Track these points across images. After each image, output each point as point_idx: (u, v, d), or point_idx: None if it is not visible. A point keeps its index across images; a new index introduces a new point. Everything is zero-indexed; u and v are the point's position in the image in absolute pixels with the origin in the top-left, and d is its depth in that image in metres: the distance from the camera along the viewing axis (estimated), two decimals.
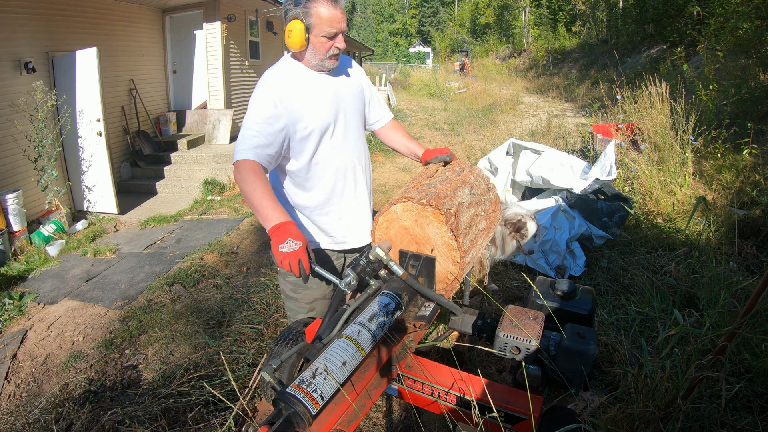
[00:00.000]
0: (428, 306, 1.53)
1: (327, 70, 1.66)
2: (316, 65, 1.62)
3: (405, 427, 2.10)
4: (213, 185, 6.49)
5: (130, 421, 2.20)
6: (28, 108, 4.77)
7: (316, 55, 1.59)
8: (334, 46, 1.58)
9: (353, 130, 1.76)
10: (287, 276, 1.86)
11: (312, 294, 1.87)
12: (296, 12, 1.51)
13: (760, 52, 6.35)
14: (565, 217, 3.56)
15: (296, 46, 1.54)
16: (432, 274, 1.47)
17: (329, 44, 1.57)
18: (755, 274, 2.97)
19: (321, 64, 1.62)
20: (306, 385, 1.00)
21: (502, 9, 29.99)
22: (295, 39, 1.52)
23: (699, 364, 1.60)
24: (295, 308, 1.91)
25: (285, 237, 1.33)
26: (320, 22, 1.51)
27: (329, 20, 1.52)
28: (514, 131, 8.06)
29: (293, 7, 1.52)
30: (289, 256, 1.32)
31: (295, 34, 1.51)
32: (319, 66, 1.63)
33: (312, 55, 1.59)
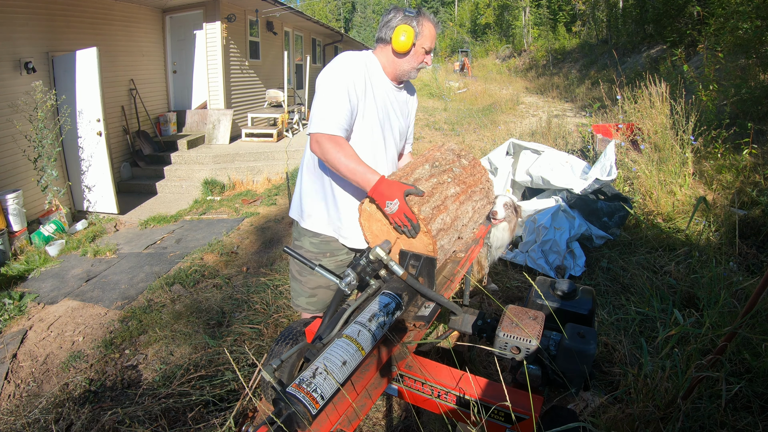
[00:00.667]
0: (428, 306, 1.53)
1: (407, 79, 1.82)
2: (404, 71, 1.75)
3: (405, 427, 2.10)
4: (213, 185, 6.49)
5: (130, 421, 2.20)
6: (27, 108, 4.77)
7: (411, 62, 1.73)
8: (424, 60, 1.74)
9: (393, 144, 1.86)
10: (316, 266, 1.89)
11: (315, 280, 1.92)
12: (408, 20, 1.66)
13: (760, 52, 6.35)
14: (565, 217, 3.56)
15: (405, 47, 1.67)
16: (432, 274, 1.47)
17: (423, 57, 1.73)
18: (755, 274, 2.97)
19: (409, 72, 1.76)
20: (306, 385, 0.99)
21: (502, 9, 29.97)
22: (406, 41, 1.65)
23: (699, 364, 1.60)
24: (298, 289, 1.98)
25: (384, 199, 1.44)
26: (426, 35, 1.69)
27: (432, 37, 1.70)
28: (514, 131, 8.06)
29: (403, 16, 1.67)
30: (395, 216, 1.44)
31: (407, 38, 1.65)
32: (405, 73, 1.76)
33: (408, 61, 1.73)
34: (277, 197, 6.02)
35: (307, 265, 1.51)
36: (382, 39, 1.73)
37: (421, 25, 1.67)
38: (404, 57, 1.72)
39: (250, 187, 6.66)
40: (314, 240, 1.89)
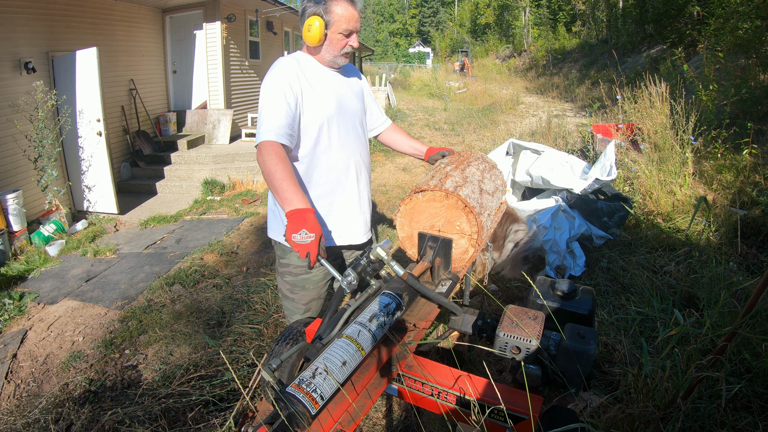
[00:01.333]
0: (445, 283, 1.54)
1: (337, 67, 1.74)
2: (329, 61, 1.70)
3: (405, 427, 2.10)
4: (213, 185, 6.49)
5: (130, 421, 2.20)
6: (28, 108, 4.77)
7: (331, 51, 1.67)
8: (348, 44, 1.67)
9: (353, 128, 1.80)
10: (285, 276, 1.89)
11: (308, 295, 1.89)
12: (316, 9, 1.59)
13: (760, 52, 6.35)
14: (565, 217, 3.56)
15: (315, 40, 1.62)
16: (449, 255, 1.50)
17: (344, 42, 1.66)
18: (755, 274, 2.97)
19: (334, 60, 1.69)
20: (306, 385, 0.99)
21: (502, 9, 29.98)
22: (314, 34, 1.60)
23: (699, 364, 1.60)
24: (291, 308, 1.94)
25: (300, 226, 1.34)
26: (338, 20, 1.60)
27: (347, 19, 1.61)
28: (514, 131, 8.06)
29: (312, 5, 1.60)
30: (300, 247, 1.34)
31: (315, 30, 1.59)
32: (331, 62, 1.70)
33: (327, 50, 1.67)
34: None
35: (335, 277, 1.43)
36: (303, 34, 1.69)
37: (330, 11, 1.58)
38: (321, 48, 1.66)
39: (250, 187, 6.66)
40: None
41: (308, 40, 1.62)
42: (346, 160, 1.76)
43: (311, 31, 1.60)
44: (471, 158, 1.81)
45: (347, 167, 1.78)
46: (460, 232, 1.56)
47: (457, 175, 1.61)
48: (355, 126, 1.81)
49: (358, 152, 1.80)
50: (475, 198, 1.56)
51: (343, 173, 1.77)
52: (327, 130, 1.70)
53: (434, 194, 1.53)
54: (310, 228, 1.34)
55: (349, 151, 1.77)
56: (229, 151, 7.40)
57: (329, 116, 1.69)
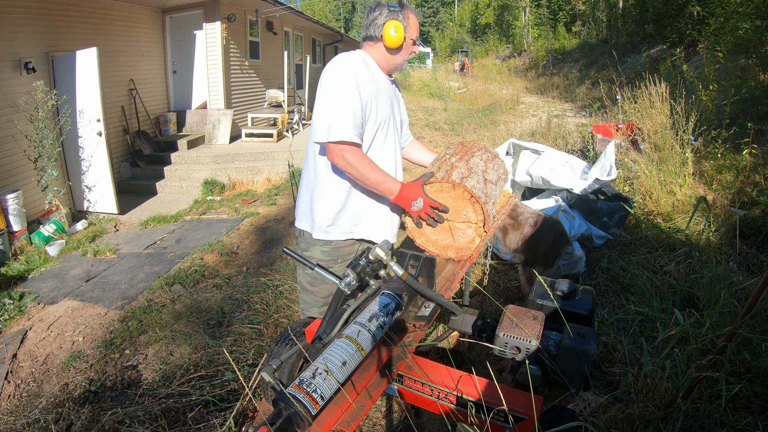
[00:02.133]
0: (428, 306, 1.53)
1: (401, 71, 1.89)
2: (398, 64, 1.82)
3: (405, 427, 2.10)
4: (213, 185, 6.49)
5: (130, 421, 2.20)
6: (28, 108, 4.77)
7: (403, 55, 1.79)
8: (413, 50, 1.82)
9: (397, 133, 1.90)
10: (306, 268, 1.89)
11: (328, 288, 1.91)
12: (395, 15, 1.71)
13: (760, 52, 6.35)
14: (565, 217, 3.56)
15: (397, 42, 1.72)
16: (432, 274, 1.47)
17: (412, 48, 1.81)
18: (755, 274, 2.97)
19: (402, 64, 1.82)
20: (306, 385, 0.99)
21: (502, 9, 29.97)
22: (398, 36, 1.70)
23: (699, 364, 1.60)
24: (310, 301, 1.95)
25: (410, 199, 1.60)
26: (413, 27, 1.75)
27: (416, 27, 1.77)
28: (514, 131, 8.06)
29: (387, 11, 1.72)
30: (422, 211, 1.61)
31: (399, 33, 1.70)
32: (399, 66, 1.82)
33: (401, 55, 1.79)
34: (278, 197, 6.02)
35: (307, 266, 1.51)
36: (371, 37, 1.76)
37: (407, 18, 1.72)
38: (398, 51, 1.77)
39: (250, 187, 6.66)
40: (325, 248, 1.86)
41: (391, 42, 1.71)
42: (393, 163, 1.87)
43: (395, 33, 1.69)
44: (474, 148, 1.84)
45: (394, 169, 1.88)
46: (467, 221, 1.63)
47: (463, 166, 1.65)
48: (397, 133, 1.90)
49: (397, 158, 1.91)
50: (480, 188, 1.61)
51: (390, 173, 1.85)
52: (383, 132, 1.77)
53: (441, 185, 1.60)
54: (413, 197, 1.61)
55: (394, 154, 1.87)
56: (229, 151, 7.40)
57: (385, 120, 1.76)
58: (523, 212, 2.87)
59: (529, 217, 2.83)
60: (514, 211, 2.88)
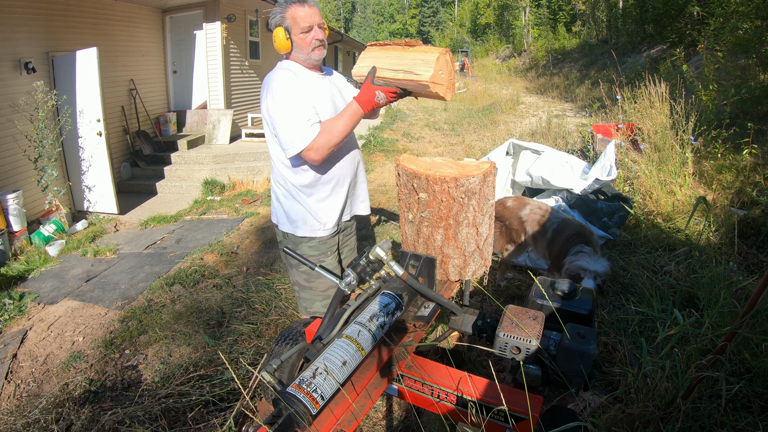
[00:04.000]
0: (428, 306, 1.53)
1: (316, 63, 1.86)
2: (304, 60, 1.81)
3: (405, 427, 2.10)
4: (213, 185, 6.49)
5: (130, 421, 2.20)
6: (28, 108, 4.77)
7: (302, 50, 1.79)
8: (313, 38, 1.77)
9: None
10: (299, 267, 1.92)
11: (325, 282, 1.94)
12: (276, 20, 1.75)
13: (760, 52, 6.35)
14: None
15: (283, 48, 1.78)
16: (432, 274, 1.47)
17: (309, 38, 1.77)
18: (755, 274, 2.97)
19: (308, 57, 1.80)
20: (306, 385, 1.00)
21: (502, 9, 29.97)
22: (280, 43, 1.76)
23: (699, 364, 1.60)
24: (310, 298, 1.99)
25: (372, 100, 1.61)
26: (295, 22, 1.73)
27: (302, 18, 1.73)
28: (514, 131, 8.06)
29: (271, 18, 1.76)
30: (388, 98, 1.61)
31: (279, 39, 1.75)
32: (307, 60, 1.81)
33: (298, 51, 1.79)
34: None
35: (307, 265, 1.51)
36: None
37: (286, 18, 1.73)
38: (293, 52, 1.80)
39: (250, 187, 6.66)
40: (312, 244, 1.92)
41: (280, 49, 1.78)
42: (350, 150, 1.94)
43: (277, 42, 1.76)
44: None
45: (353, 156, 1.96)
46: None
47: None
48: None
49: (354, 142, 1.99)
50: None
51: (350, 161, 1.94)
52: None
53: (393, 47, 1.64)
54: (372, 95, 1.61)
55: (351, 142, 1.94)
56: (229, 151, 7.40)
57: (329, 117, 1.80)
58: (549, 219, 2.88)
59: (554, 222, 2.83)
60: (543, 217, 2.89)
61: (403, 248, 1.64)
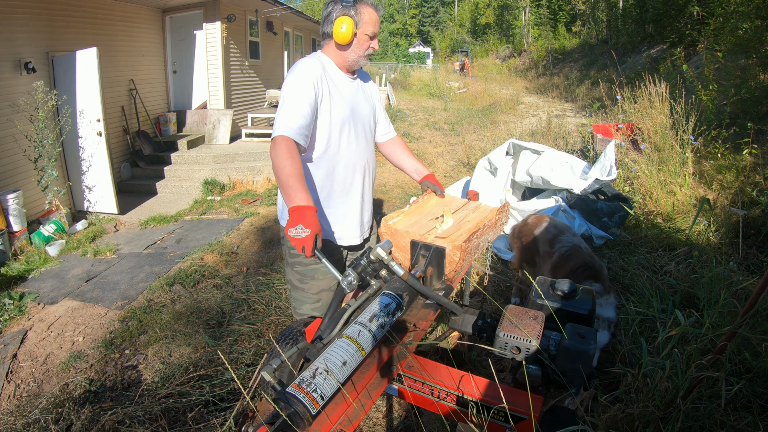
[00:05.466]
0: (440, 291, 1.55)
1: (359, 68, 1.83)
2: (352, 61, 1.77)
3: (405, 427, 2.10)
4: (213, 185, 6.49)
5: (130, 421, 2.20)
6: (28, 108, 4.77)
7: (357, 51, 1.74)
8: (371, 46, 1.76)
9: (364, 133, 1.86)
10: (295, 267, 1.91)
11: (318, 285, 1.91)
12: (346, 11, 1.67)
13: (760, 52, 6.34)
14: (565, 217, 3.57)
15: (346, 39, 1.68)
16: (442, 264, 1.48)
17: (368, 44, 1.75)
18: (755, 274, 2.97)
19: (357, 60, 1.77)
20: (306, 385, 1.00)
21: (502, 9, 29.98)
22: (347, 32, 1.67)
23: (699, 364, 1.60)
24: (301, 299, 1.95)
25: (298, 222, 1.40)
26: (366, 22, 1.70)
27: (373, 22, 1.71)
28: (514, 131, 8.06)
29: (340, 7, 1.67)
30: (295, 241, 1.40)
31: (348, 29, 1.66)
32: (354, 63, 1.77)
33: (354, 51, 1.74)
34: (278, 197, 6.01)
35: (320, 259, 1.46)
36: (326, 34, 1.75)
37: (360, 12, 1.68)
38: (348, 48, 1.73)
39: (250, 187, 6.66)
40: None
41: (340, 38, 1.68)
42: (354, 165, 1.83)
43: (344, 30, 1.66)
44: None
45: (354, 171, 1.84)
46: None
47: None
48: (365, 131, 1.87)
49: (365, 157, 1.87)
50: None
51: (349, 176, 1.83)
52: (338, 134, 1.76)
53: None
54: (306, 224, 1.40)
55: (358, 155, 1.83)
56: (229, 151, 7.40)
57: (343, 121, 1.75)
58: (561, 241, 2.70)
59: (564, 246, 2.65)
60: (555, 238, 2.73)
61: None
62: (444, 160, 7.29)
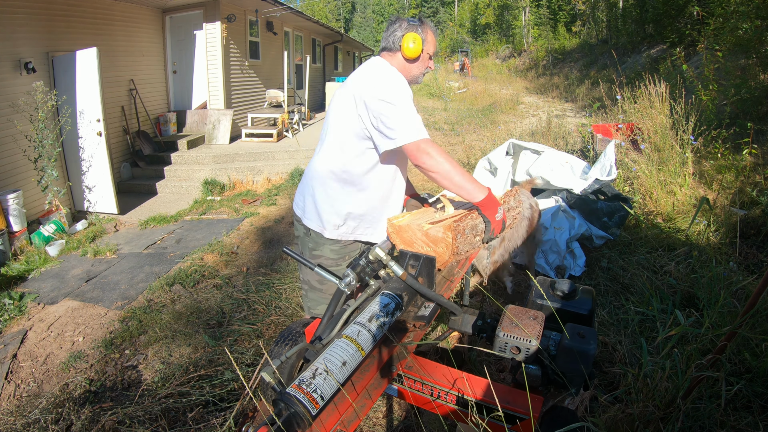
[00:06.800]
0: (428, 306, 1.53)
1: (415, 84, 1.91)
2: (414, 76, 1.87)
3: (405, 428, 2.10)
4: (213, 185, 6.49)
5: (130, 422, 2.20)
6: (28, 108, 4.77)
7: (420, 67, 1.85)
8: (429, 66, 1.87)
9: None
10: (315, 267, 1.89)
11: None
12: (414, 29, 1.78)
13: (760, 52, 6.34)
14: (565, 217, 3.56)
15: (415, 54, 1.78)
16: (432, 274, 1.47)
17: (428, 62, 1.86)
18: (755, 274, 2.97)
19: (418, 77, 1.88)
20: (306, 385, 0.99)
21: (502, 9, 29.98)
22: (416, 48, 1.77)
23: (699, 364, 1.60)
24: (318, 299, 1.97)
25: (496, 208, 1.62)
26: (431, 42, 1.83)
27: (434, 42, 1.84)
28: (514, 131, 8.05)
29: (408, 24, 1.79)
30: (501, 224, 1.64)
31: (417, 45, 1.77)
32: (416, 77, 1.88)
33: (418, 66, 1.85)
34: (278, 197, 6.02)
35: (307, 266, 1.51)
36: (389, 48, 1.82)
37: (426, 32, 1.80)
38: (414, 63, 1.83)
39: (250, 187, 6.66)
40: (335, 247, 1.88)
41: (409, 53, 1.77)
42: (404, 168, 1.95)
43: (413, 45, 1.76)
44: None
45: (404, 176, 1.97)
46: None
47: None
48: None
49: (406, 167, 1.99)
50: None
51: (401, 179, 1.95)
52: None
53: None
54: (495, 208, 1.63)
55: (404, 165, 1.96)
56: (229, 151, 7.40)
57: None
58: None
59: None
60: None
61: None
62: None
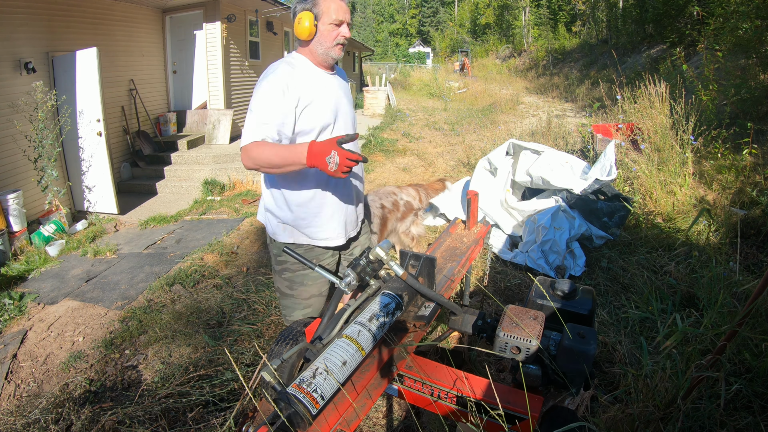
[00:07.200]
0: (428, 306, 1.53)
1: (333, 61, 1.74)
2: (322, 54, 1.70)
3: (405, 427, 2.10)
4: (213, 185, 6.49)
5: (130, 422, 2.20)
6: (28, 108, 4.77)
7: (323, 43, 1.67)
8: (340, 34, 1.67)
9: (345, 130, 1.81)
10: (283, 273, 1.90)
11: (308, 290, 1.90)
12: (304, 5, 1.63)
13: (760, 52, 6.34)
14: (565, 217, 3.57)
15: (305, 34, 1.64)
16: (432, 274, 1.47)
17: (336, 32, 1.67)
18: (755, 274, 2.97)
19: (327, 52, 1.69)
20: (306, 385, 0.99)
21: (502, 9, 29.99)
22: (304, 27, 1.63)
23: (699, 364, 1.60)
24: (291, 305, 1.94)
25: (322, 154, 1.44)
26: (327, 11, 1.63)
27: (335, 9, 1.63)
28: (514, 131, 8.06)
29: (301, 2, 1.64)
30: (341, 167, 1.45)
31: (307, 22, 1.62)
32: (324, 55, 1.70)
33: (319, 43, 1.68)
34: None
35: (307, 266, 1.51)
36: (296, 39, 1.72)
37: (317, 4, 1.63)
38: (314, 41, 1.68)
39: (250, 187, 6.66)
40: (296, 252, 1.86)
41: (299, 34, 1.65)
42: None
43: (301, 24, 1.62)
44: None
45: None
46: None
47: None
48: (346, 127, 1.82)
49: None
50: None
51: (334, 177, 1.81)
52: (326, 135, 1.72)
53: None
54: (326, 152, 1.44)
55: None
56: (229, 151, 7.40)
57: (327, 123, 1.71)
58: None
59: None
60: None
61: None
62: (444, 160, 7.29)
